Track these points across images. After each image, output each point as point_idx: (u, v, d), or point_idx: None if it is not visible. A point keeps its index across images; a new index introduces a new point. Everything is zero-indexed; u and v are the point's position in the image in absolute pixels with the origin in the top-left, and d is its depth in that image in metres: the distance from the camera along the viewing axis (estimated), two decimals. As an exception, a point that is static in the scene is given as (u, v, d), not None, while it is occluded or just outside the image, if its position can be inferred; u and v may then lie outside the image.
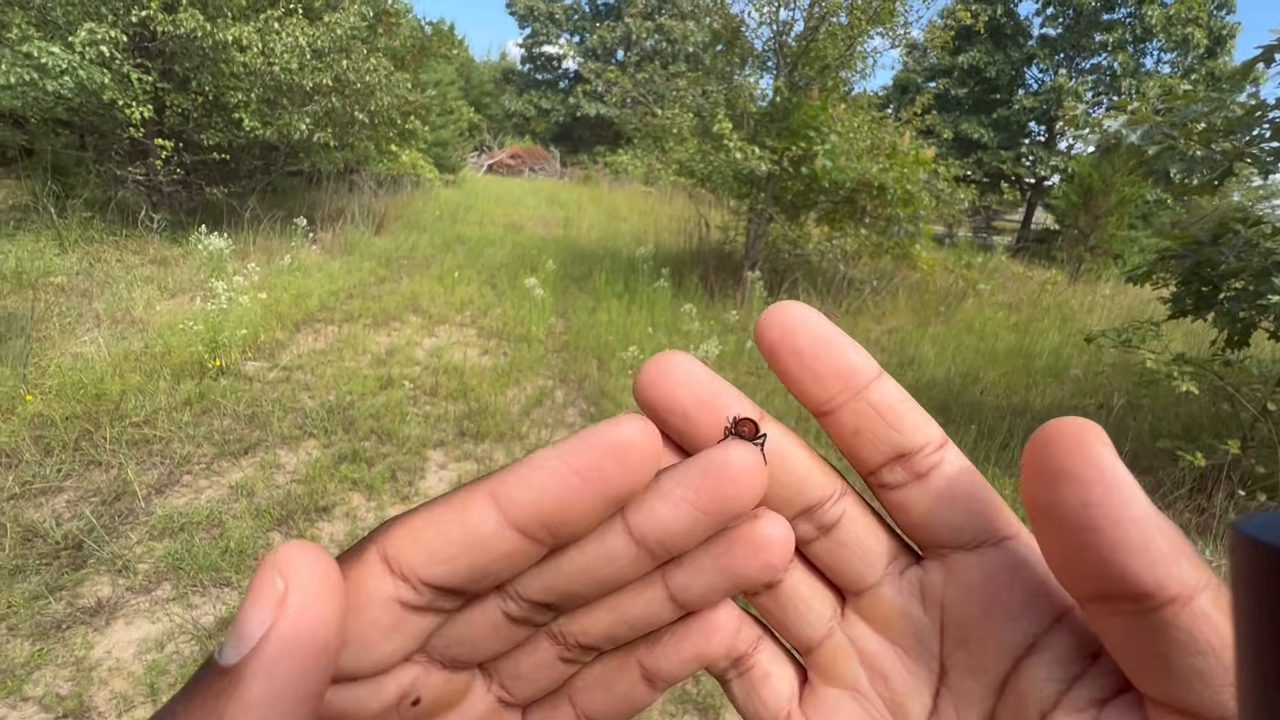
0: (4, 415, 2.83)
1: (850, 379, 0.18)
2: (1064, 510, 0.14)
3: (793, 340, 0.18)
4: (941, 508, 0.18)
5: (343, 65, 6.24)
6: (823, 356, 0.18)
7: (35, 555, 2.11)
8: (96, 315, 4.09)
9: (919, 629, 0.19)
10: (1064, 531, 0.14)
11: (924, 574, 0.19)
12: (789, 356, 0.18)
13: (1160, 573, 0.13)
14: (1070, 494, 0.14)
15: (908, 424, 0.18)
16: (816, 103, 5.19)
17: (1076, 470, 0.14)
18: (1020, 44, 17.44)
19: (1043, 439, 0.15)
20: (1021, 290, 8.11)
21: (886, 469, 0.18)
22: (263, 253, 6.14)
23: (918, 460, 0.18)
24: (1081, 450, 0.14)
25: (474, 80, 27.64)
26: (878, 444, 0.18)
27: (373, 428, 3.20)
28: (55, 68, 4.65)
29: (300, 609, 0.13)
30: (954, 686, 0.18)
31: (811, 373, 0.18)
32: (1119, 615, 0.14)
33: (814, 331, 0.18)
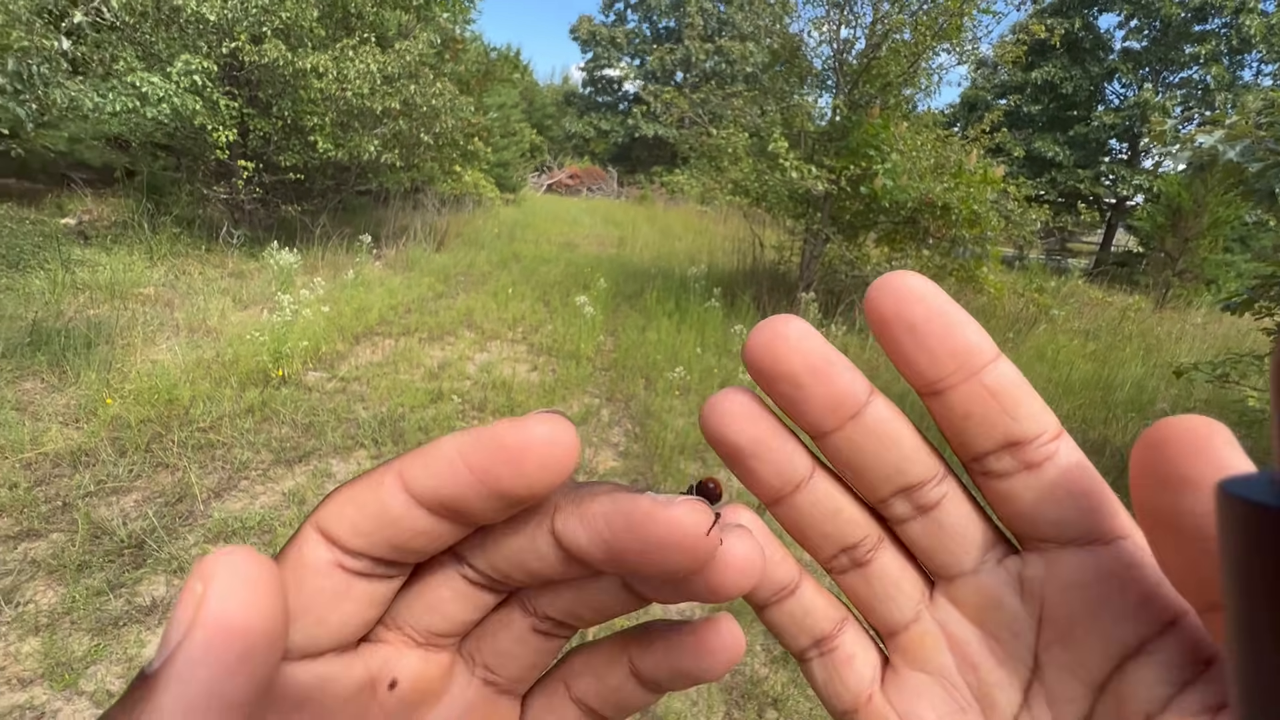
0: (87, 417, 3.02)
1: (967, 358, 0.17)
2: (1185, 519, 0.13)
3: (908, 312, 0.16)
4: (1052, 501, 0.17)
5: (410, 90, 6.52)
6: (939, 332, 0.16)
7: (101, 552, 2.21)
8: (176, 324, 4.35)
9: (1014, 620, 0.18)
10: (1184, 540, 0.13)
11: (1024, 566, 0.18)
12: (903, 330, 0.17)
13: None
14: (1194, 502, 0.13)
15: (1024, 411, 0.17)
16: (877, 121, 5.04)
17: (1200, 476, 0.13)
18: (1100, 58, 16.61)
19: (1158, 439, 0.13)
20: (1100, 317, 7.60)
21: (994, 456, 0.17)
22: (330, 268, 6.43)
23: (1030, 450, 0.17)
24: (1206, 453, 0.13)
25: (537, 103, 28.53)
26: (990, 430, 0.17)
27: (420, 440, 3.24)
28: (154, 96, 5.04)
29: (219, 611, 0.12)
30: (1048, 682, 0.17)
31: (926, 349, 0.17)
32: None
33: (931, 304, 0.16)
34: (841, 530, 0.19)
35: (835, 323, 5.38)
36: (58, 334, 3.69)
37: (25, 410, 3.00)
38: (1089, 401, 4.61)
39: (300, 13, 5.69)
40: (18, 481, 2.50)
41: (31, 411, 3.01)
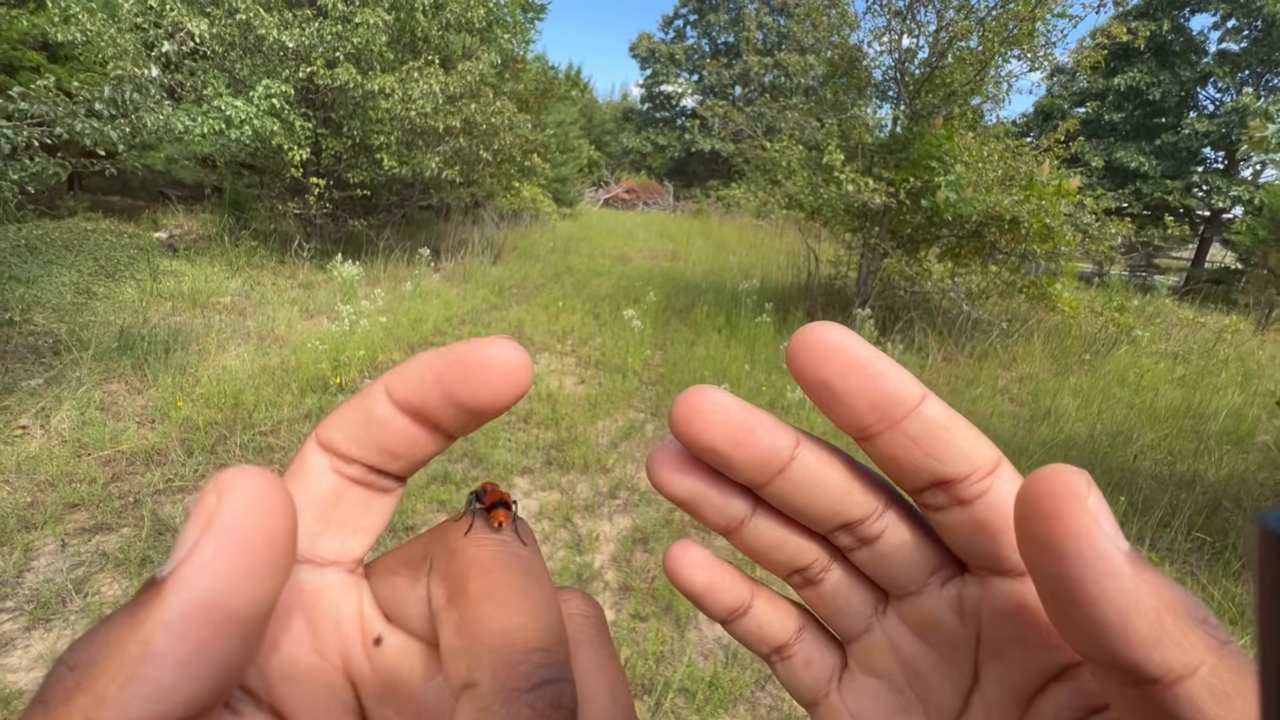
0: (161, 418, 3.21)
1: (886, 409, 0.18)
2: (1045, 580, 0.14)
3: (822, 370, 0.18)
4: (982, 536, 0.18)
5: (471, 109, 6.74)
6: (856, 388, 0.17)
7: (163, 549, 2.33)
8: (247, 332, 4.60)
9: (954, 637, 0.19)
10: (1048, 599, 0.14)
11: (964, 587, 0.19)
12: (820, 388, 0.18)
13: (1140, 655, 0.13)
14: (1051, 565, 0.14)
15: (951, 452, 0.18)
16: (940, 131, 4.84)
17: (1056, 540, 0.14)
18: (1192, 61, 15.52)
19: (1026, 496, 0.14)
20: (1191, 338, 7.01)
21: (928, 493, 0.18)
22: (390, 279, 6.68)
23: (960, 488, 0.18)
24: (1062, 515, 0.13)
25: (596, 119, 29.08)
26: (916, 472, 0.18)
27: (465, 450, 3.29)
28: (238, 118, 5.40)
29: (230, 523, 0.13)
30: (985, 693, 0.19)
31: (845, 404, 0.18)
32: (1111, 682, 0.14)
33: (847, 359, 0.17)
34: (790, 556, 0.21)
35: (892, 340, 5.17)
36: (142, 340, 3.96)
37: (108, 410, 3.22)
38: (1177, 431, 4.23)
39: (371, 38, 5.99)
40: (96, 477, 2.68)
41: (114, 412, 3.22)
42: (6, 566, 2.14)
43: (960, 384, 4.84)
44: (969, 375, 5.05)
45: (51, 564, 2.21)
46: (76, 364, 3.52)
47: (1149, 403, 4.73)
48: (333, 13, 5.98)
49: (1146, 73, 15.21)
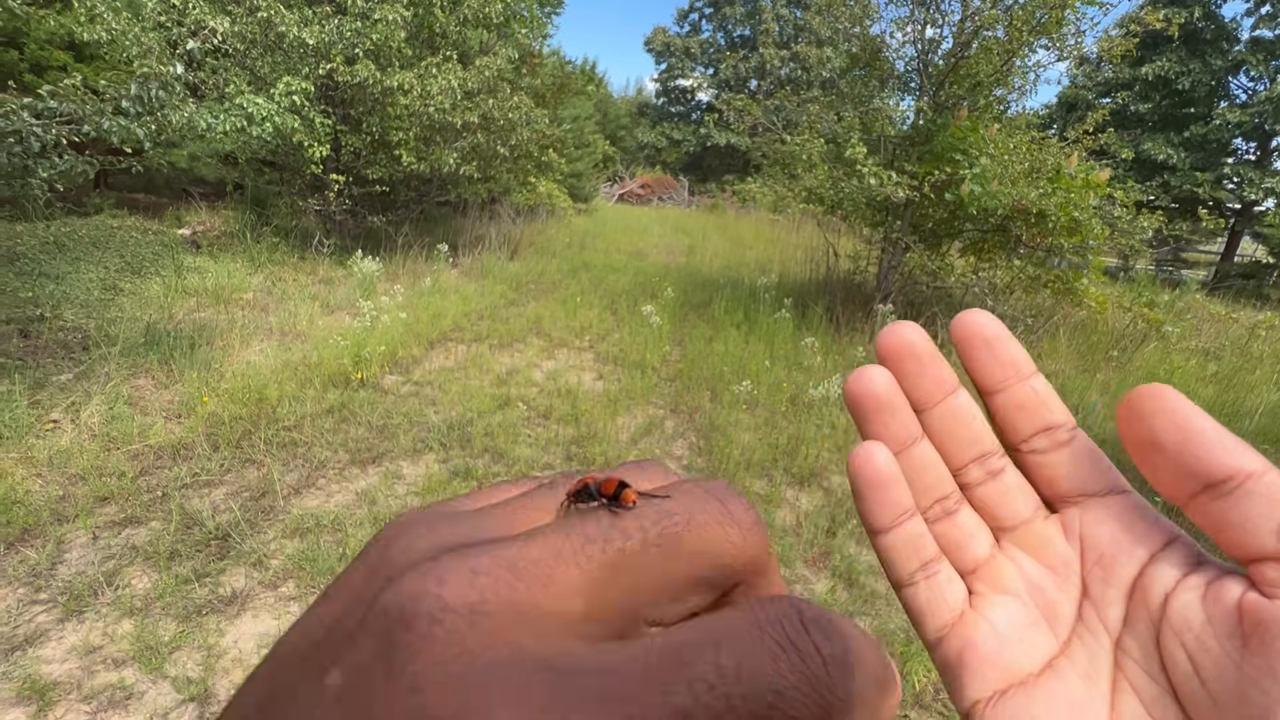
0: (187, 413, 3.25)
1: (1020, 368, 0.24)
2: (1160, 435, 0.19)
3: (982, 335, 0.24)
4: (1080, 467, 0.23)
5: (489, 104, 6.74)
6: (1001, 352, 0.24)
7: (191, 542, 2.35)
8: (270, 328, 4.65)
9: (1064, 553, 0.23)
10: (1165, 455, 0.19)
11: (1063, 516, 0.24)
12: (981, 347, 0.24)
13: (1233, 461, 0.18)
14: (1162, 421, 0.19)
15: (1056, 406, 0.24)
16: (965, 123, 4.74)
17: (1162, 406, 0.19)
18: (1224, 50, 15.09)
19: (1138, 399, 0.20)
20: (1223, 334, 6.84)
21: (1036, 438, 0.24)
22: (409, 275, 6.72)
23: (1060, 433, 0.24)
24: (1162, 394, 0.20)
25: (611, 114, 29.00)
26: (1034, 418, 0.24)
27: (486, 446, 3.30)
28: (259, 115, 5.44)
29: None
30: (1093, 594, 0.23)
31: (996, 361, 0.24)
32: (1215, 500, 0.19)
33: (995, 330, 0.24)
34: (935, 482, 0.25)
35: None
36: (168, 335, 4.01)
37: (136, 405, 3.26)
38: (1210, 429, 4.12)
39: (389, 34, 6.00)
40: (125, 471, 2.71)
41: (141, 406, 3.27)
42: (40, 559, 2.18)
43: (984, 381, 4.76)
44: (993, 372, 4.96)
45: (83, 556, 2.25)
46: (105, 359, 3.57)
47: (1180, 400, 4.61)
48: (352, 9, 6.00)
49: (1176, 61, 14.81)
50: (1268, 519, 0.18)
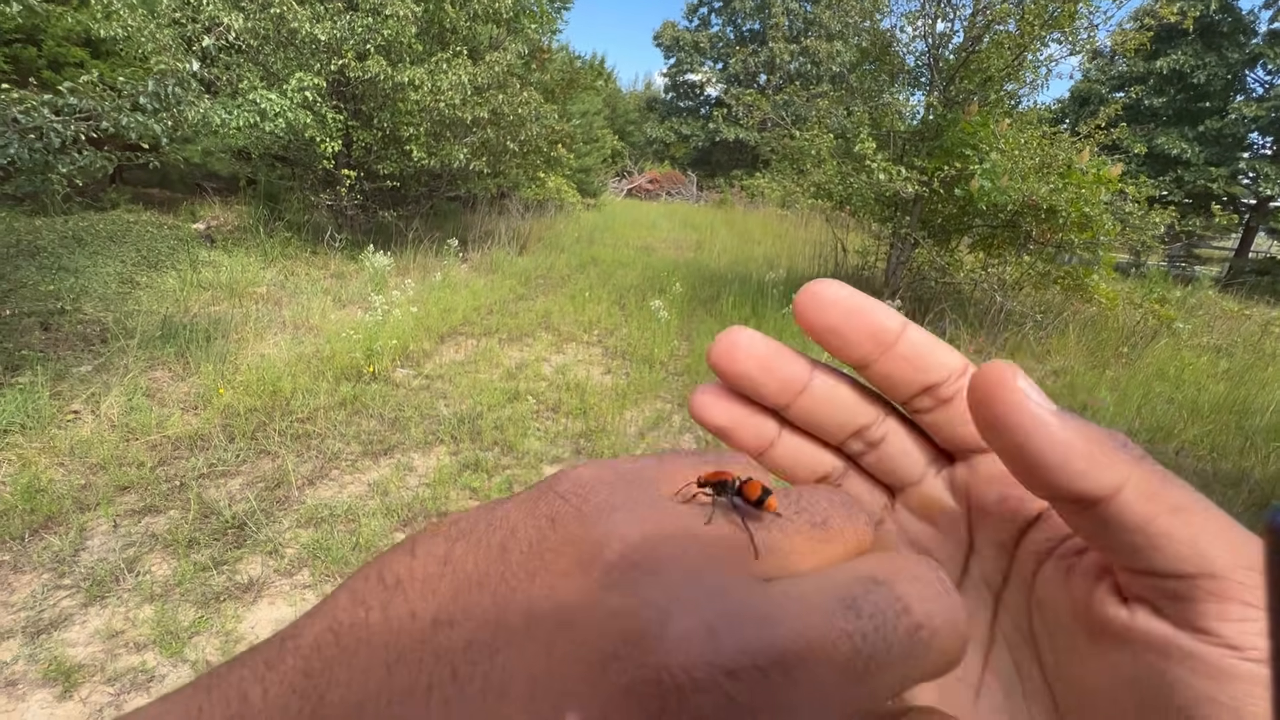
0: (203, 405, 3.31)
1: (881, 338, 0.22)
2: (1009, 451, 0.17)
3: (828, 317, 0.22)
4: (964, 423, 0.22)
5: (498, 99, 6.77)
6: (858, 326, 0.22)
7: (209, 531, 2.41)
8: (283, 322, 4.71)
9: (952, 513, 0.23)
10: (1007, 460, 0.18)
11: (953, 472, 0.23)
12: (827, 333, 0.22)
13: (1082, 484, 0.17)
14: (1008, 439, 0.17)
15: (932, 363, 0.22)
16: (975, 118, 4.72)
17: (1005, 418, 0.17)
18: (1241, 43, 14.87)
19: (973, 390, 0.18)
20: (1234, 331, 6.78)
21: (916, 399, 0.22)
22: (420, 269, 6.77)
23: (942, 389, 0.22)
24: (1004, 399, 0.17)
25: (619, 109, 28.95)
26: (908, 384, 0.22)
27: (496, 439, 3.34)
28: (272, 111, 5.50)
29: None
30: (979, 552, 0.23)
31: (851, 342, 0.22)
32: (1074, 513, 0.18)
33: (846, 306, 0.22)
34: (812, 467, 0.25)
35: (923, 332, 5.07)
36: (184, 328, 4.08)
37: (154, 397, 3.33)
38: (1220, 426, 4.10)
39: (400, 29, 6.03)
40: (144, 461, 2.77)
41: (159, 398, 3.33)
42: (64, 546, 2.24)
43: (993, 377, 4.74)
44: (1002, 368, 4.94)
45: (104, 544, 2.30)
46: (123, 352, 3.63)
47: (1191, 398, 4.59)
48: (364, 5, 6.04)
49: (1191, 55, 14.61)
50: (1125, 542, 0.17)
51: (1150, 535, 0.17)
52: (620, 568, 0.15)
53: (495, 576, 0.15)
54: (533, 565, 0.15)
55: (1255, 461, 3.68)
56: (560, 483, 0.18)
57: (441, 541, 0.17)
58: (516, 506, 0.17)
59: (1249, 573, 0.16)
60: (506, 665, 0.13)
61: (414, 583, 0.16)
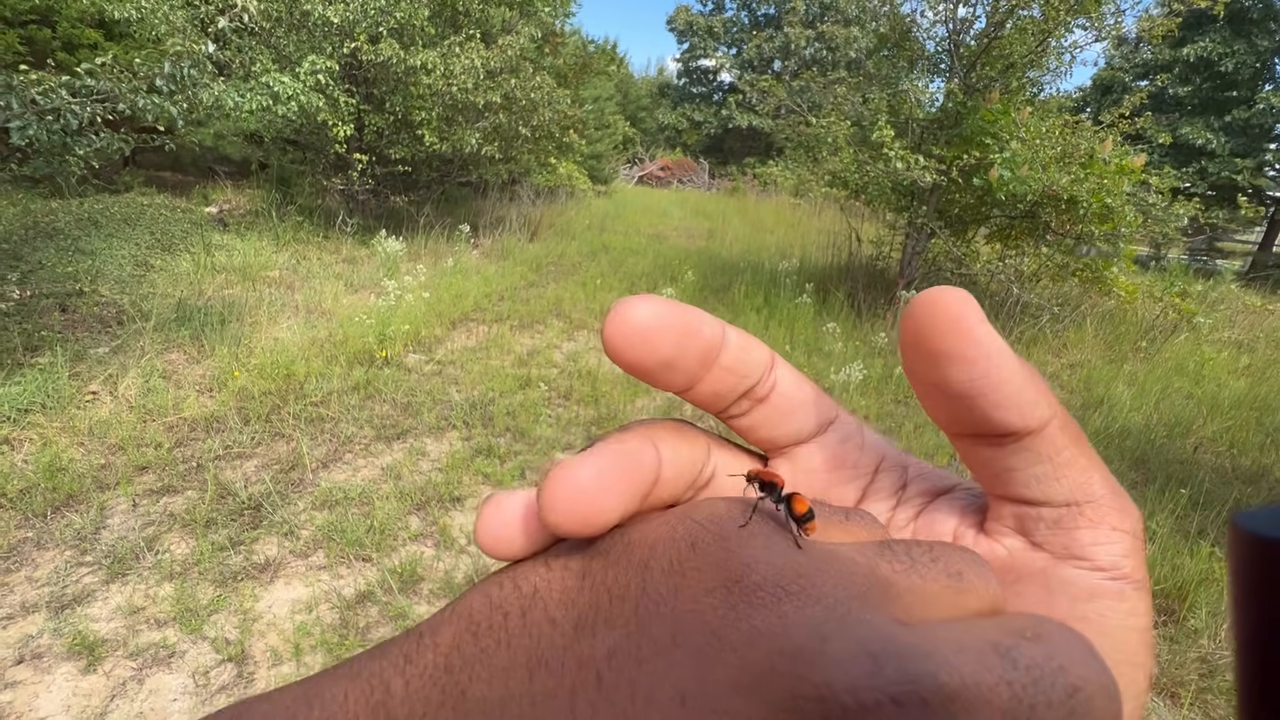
0: (219, 387, 3.34)
1: (709, 355, 0.19)
2: (952, 385, 0.17)
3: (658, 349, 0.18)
4: (783, 419, 0.21)
5: (511, 84, 6.72)
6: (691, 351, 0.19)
7: (226, 511, 2.44)
8: (296, 306, 4.73)
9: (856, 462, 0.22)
10: (951, 398, 0.17)
11: (775, 467, 0.22)
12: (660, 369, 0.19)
13: (1026, 418, 0.17)
14: (956, 372, 0.16)
15: (751, 366, 0.20)
16: (996, 106, 4.63)
17: (959, 350, 0.16)
18: (1271, 30, 14.48)
19: (917, 316, 0.17)
20: (1257, 327, 6.67)
21: (734, 405, 0.21)
22: (431, 255, 6.77)
23: (758, 390, 0.21)
24: (960, 330, 0.16)
25: (631, 95, 28.70)
26: (729, 395, 0.20)
27: (508, 425, 3.35)
28: (284, 94, 5.49)
29: None
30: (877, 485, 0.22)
31: (682, 371, 0.19)
32: (989, 447, 0.18)
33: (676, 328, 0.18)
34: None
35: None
36: (199, 311, 4.10)
37: (170, 379, 3.36)
38: (1240, 422, 4.05)
39: (413, 12, 5.99)
40: (162, 442, 2.81)
41: (175, 380, 3.36)
42: (85, 524, 2.27)
43: (1007, 369, 4.70)
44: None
45: (124, 522, 2.34)
46: (139, 334, 3.67)
47: (1211, 394, 4.52)
48: (376, -13, 6.00)
49: (1220, 42, 14.24)
50: (1032, 473, 0.18)
51: (1058, 465, 0.17)
52: (767, 589, 0.15)
53: (636, 590, 0.15)
54: (675, 582, 0.15)
55: (1276, 459, 3.63)
56: (697, 511, 0.18)
57: (578, 557, 0.17)
58: (653, 529, 0.17)
59: (1116, 498, 0.18)
60: (653, 674, 0.13)
61: (551, 593, 0.16)
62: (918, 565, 0.17)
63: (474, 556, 2.35)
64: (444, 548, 2.39)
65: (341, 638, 1.92)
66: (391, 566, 2.25)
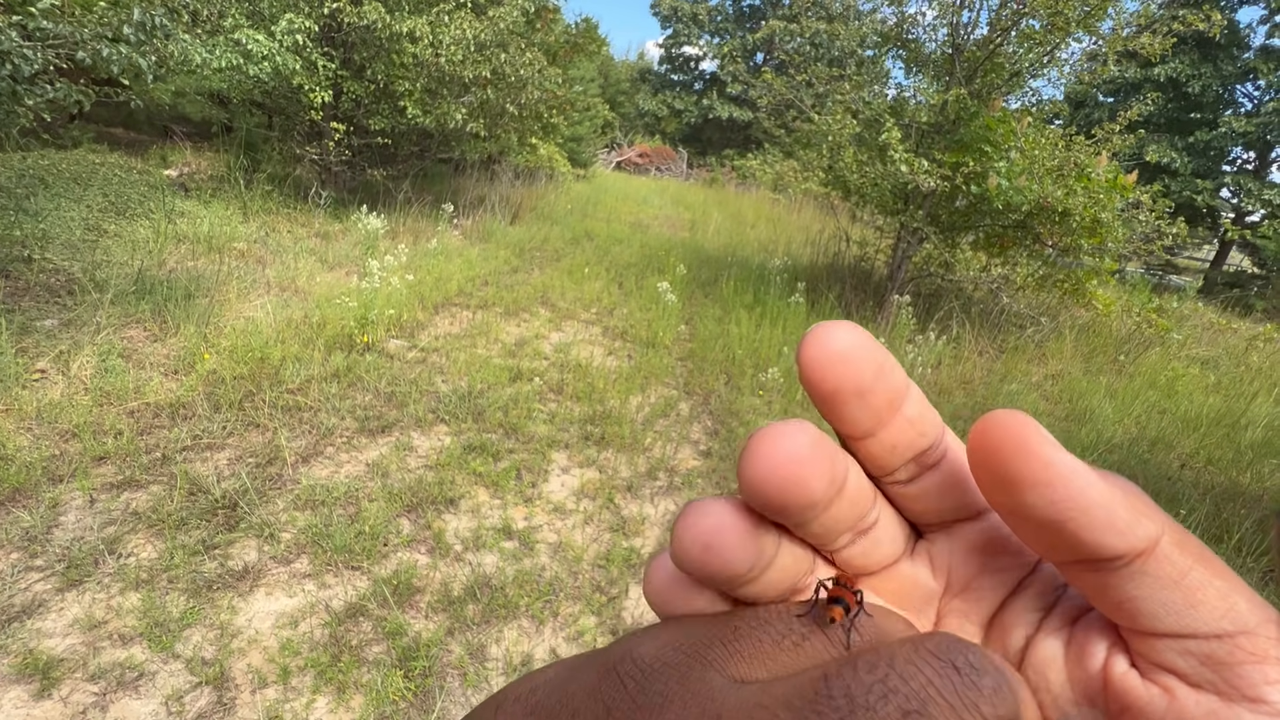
0: (185, 369, 3.07)
1: (896, 400, 0.18)
2: (1032, 510, 0.15)
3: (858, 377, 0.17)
4: (949, 489, 0.19)
5: (501, 59, 6.43)
6: (886, 388, 0.18)
7: (197, 510, 2.22)
8: (267, 282, 4.43)
9: (927, 593, 0.20)
10: (1037, 525, 0.16)
11: (930, 545, 0.21)
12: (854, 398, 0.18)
13: (1128, 538, 0.15)
14: (1034, 497, 0.15)
15: (931, 423, 0.19)
16: (998, 114, 4.62)
17: (1032, 474, 0.15)
18: (1234, 56, 15.05)
19: (984, 444, 0.16)
20: (1218, 343, 6.92)
21: (903, 468, 0.19)
22: (411, 234, 6.48)
23: (929, 455, 0.19)
24: (1028, 452, 0.15)
25: (611, 79, 28.22)
26: (905, 451, 0.19)
27: (501, 421, 3.18)
28: (258, 54, 5.11)
29: None
30: (949, 629, 0.20)
31: (871, 407, 0.18)
32: (1096, 573, 0.16)
33: (874, 361, 0.17)
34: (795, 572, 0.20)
35: (930, 330, 5.03)
36: (161, 284, 3.79)
37: (130, 358, 3.08)
38: (1214, 440, 4.16)
39: (400, -25, 5.65)
40: (122, 430, 2.56)
41: (136, 360, 3.08)
42: (35, 522, 2.04)
43: (995, 378, 4.74)
44: (1002, 370, 4.94)
45: (80, 520, 2.11)
46: (95, 307, 3.36)
47: (1184, 409, 4.64)
48: (360, -55, 5.63)
49: (1188, 64, 14.74)
50: (1159, 601, 0.15)
51: (1187, 589, 0.15)
52: None
53: None
54: None
55: (1250, 477, 3.73)
56: (624, 662, 0.17)
57: (520, 713, 0.17)
58: (583, 686, 0.17)
59: (1274, 626, 0.15)
60: None
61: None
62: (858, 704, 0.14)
63: (473, 565, 2.20)
64: (439, 555, 2.23)
65: (334, 657, 1.76)
66: (383, 575, 2.08)
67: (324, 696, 1.66)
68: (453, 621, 1.96)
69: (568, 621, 2.05)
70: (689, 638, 0.17)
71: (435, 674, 1.78)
